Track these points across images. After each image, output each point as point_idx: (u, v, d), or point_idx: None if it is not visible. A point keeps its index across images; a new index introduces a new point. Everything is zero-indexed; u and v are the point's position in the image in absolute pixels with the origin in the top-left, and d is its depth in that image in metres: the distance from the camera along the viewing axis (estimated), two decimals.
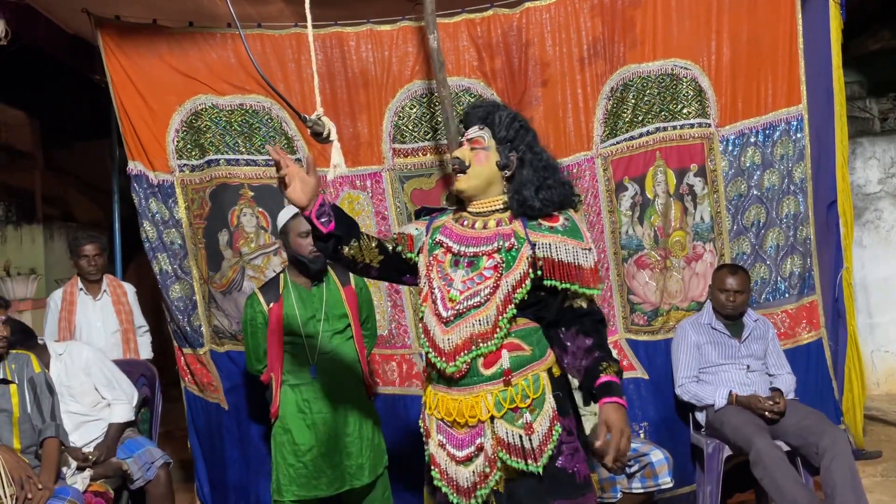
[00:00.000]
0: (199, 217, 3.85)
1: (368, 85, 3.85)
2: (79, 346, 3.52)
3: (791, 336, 3.80)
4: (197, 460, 3.95)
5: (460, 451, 2.12)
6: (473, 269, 2.14)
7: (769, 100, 3.77)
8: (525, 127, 2.20)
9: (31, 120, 7.30)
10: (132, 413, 3.47)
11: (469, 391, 2.11)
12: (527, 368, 2.12)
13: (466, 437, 2.12)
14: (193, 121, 3.81)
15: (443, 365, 2.12)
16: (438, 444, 2.17)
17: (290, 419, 3.13)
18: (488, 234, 2.16)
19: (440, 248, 2.21)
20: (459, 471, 2.11)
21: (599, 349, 2.12)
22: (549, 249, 2.10)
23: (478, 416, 2.10)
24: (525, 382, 2.10)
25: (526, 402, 2.09)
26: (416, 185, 3.88)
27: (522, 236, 2.13)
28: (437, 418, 2.17)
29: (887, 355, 5.46)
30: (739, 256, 3.80)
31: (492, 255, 2.13)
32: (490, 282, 2.10)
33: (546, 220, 2.15)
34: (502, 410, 2.08)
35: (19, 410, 3.02)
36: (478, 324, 2.09)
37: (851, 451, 3.17)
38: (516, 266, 2.10)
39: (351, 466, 3.12)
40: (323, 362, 3.13)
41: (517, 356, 2.11)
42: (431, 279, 2.19)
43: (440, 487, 2.16)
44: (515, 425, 2.08)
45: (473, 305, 2.10)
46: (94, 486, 3.11)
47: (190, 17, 3.84)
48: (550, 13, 3.78)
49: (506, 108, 2.22)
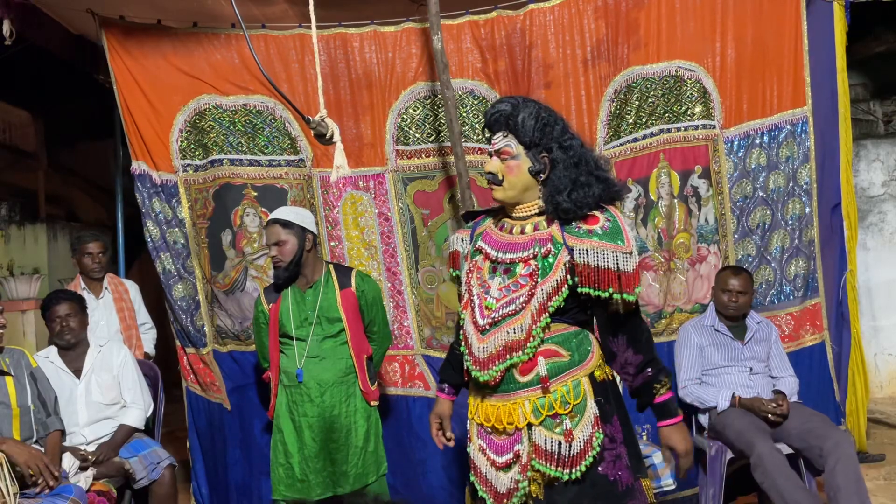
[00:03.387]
0: (203, 217, 3.86)
1: (372, 86, 3.86)
2: (119, 345, 3.65)
3: (795, 338, 3.79)
4: (196, 460, 3.95)
5: (500, 457, 2.10)
6: (510, 276, 2.09)
7: (774, 101, 3.76)
8: (550, 122, 2.08)
9: (35, 119, 7.31)
10: (143, 421, 3.53)
11: (507, 398, 2.09)
12: (566, 374, 2.07)
13: (505, 443, 2.10)
14: (197, 121, 3.82)
15: (477, 374, 2.10)
16: (479, 448, 2.16)
17: (282, 419, 3.17)
18: (524, 240, 2.10)
19: (480, 255, 2.18)
20: (499, 476, 2.10)
21: (651, 365, 2.12)
22: (587, 256, 2.03)
23: (515, 423, 2.07)
24: (565, 389, 2.06)
25: (566, 409, 2.05)
26: (419, 186, 3.88)
27: (560, 241, 2.06)
28: (478, 423, 2.16)
29: (891, 358, 5.45)
30: (744, 258, 3.79)
31: (528, 261, 2.07)
32: (525, 290, 2.05)
33: (584, 223, 2.06)
34: (540, 417, 2.05)
35: (18, 403, 3.03)
36: (512, 332, 2.05)
37: (855, 454, 3.16)
38: (552, 273, 2.05)
39: (335, 473, 3.12)
40: (310, 366, 3.13)
41: (554, 362, 2.07)
42: (471, 286, 2.16)
43: (477, 492, 2.14)
44: (554, 432, 2.05)
45: (509, 314, 2.06)
46: (97, 486, 3.12)
47: (194, 18, 3.84)
48: (554, 15, 3.78)
49: (526, 104, 2.09)
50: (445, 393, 2.44)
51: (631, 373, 2.12)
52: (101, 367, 3.46)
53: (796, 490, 2.99)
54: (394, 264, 3.88)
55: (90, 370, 3.43)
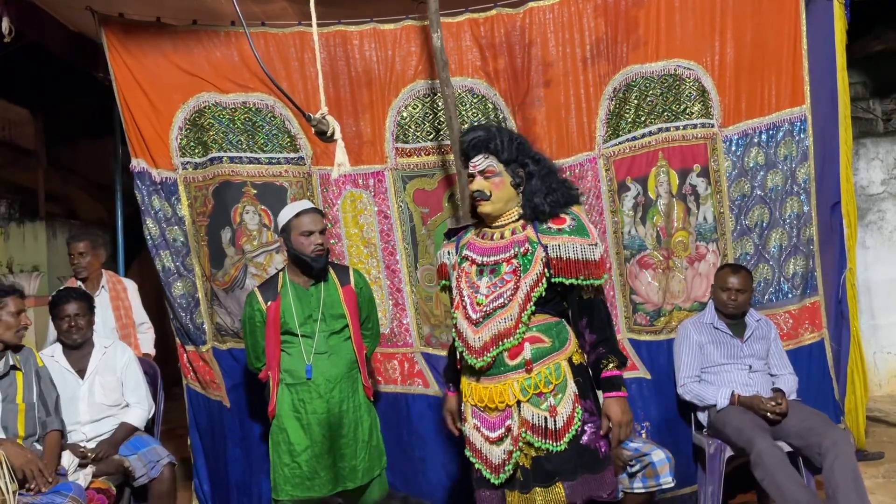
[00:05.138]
0: (202, 214, 3.86)
1: (372, 84, 3.86)
2: (124, 346, 3.65)
3: (794, 337, 3.79)
4: (197, 458, 3.95)
5: (492, 433, 2.42)
6: (496, 275, 2.44)
7: (773, 100, 3.76)
8: (522, 142, 2.49)
9: (35, 117, 7.31)
10: (144, 421, 3.54)
11: (497, 380, 2.41)
12: (548, 358, 2.41)
13: (497, 420, 2.42)
14: (197, 118, 3.82)
15: (473, 361, 2.42)
16: (473, 426, 2.48)
17: (285, 419, 3.14)
18: (505, 243, 2.46)
19: (466, 262, 2.53)
20: (493, 450, 2.42)
21: (603, 344, 2.42)
22: (559, 250, 2.38)
23: (506, 401, 2.40)
24: (547, 370, 2.39)
25: (549, 388, 2.38)
26: (418, 185, 3.88)
27: (535, 240, 2.42)
28: (472, 405, 2.49)
29: (889, 357, 5.46)
30: (743, 257, 3.79)
31: (510, 260, 2.42)
32: (511, 284, 2.40)
33: (554, 223, 2.43)
34: (527, 395, 2.38)
35: (24, 399, 3.06)
36: (503, 322, 2.38)
37: (854, 452, 3.17)
38: (532, 268, 2.39)
39: (344, 468, 3.12)
40: (318, 362, 3.12)
41: (538, 348, 2.40)
42: (461, 288, 2.50)
43: (473, 464, 2.47)
44: (540, 408, 2.38)
45: (498, 306, 2.39)
46: (96, 483, 3.13)
47: (194, 16, 3.84)
48: (554, 13, 3.78)
49: (498, 129, 2.48)
50: (452, 391, 2.76)
51: (587, 350, 2.45)
52: (105, 368, 3.47)
53: (795, 487, 3.00)
54: (393, 262, 3.88)
55: (94, 371, 3.43)
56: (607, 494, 2.41)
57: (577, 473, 2.36)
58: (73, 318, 3.39)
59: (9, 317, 3.04)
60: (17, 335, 3.07)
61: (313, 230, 3.10)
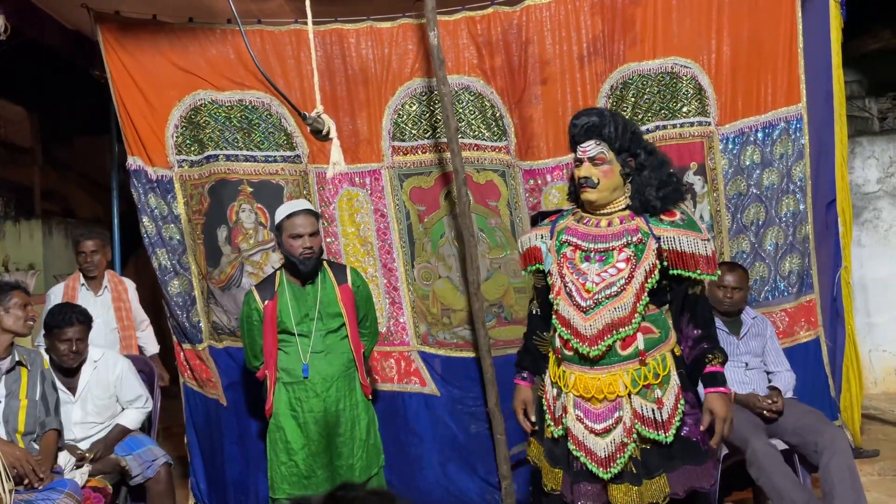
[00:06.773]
0: (198, 213, 3.85)
1: (368, 82, 3.85)
2: (114, 356, 3.55)
3: (790, 335, 3.81)
4: (194, 456, 3.95)
5: (598, 424, 2.36)
6: (605, 262, 2.39)
7: (769, 98, 3.76)
8: (636, 131, 2.44)
9: (31, 115, 7.28)
10: (139, 424, 3.53)
11: (607, 370, 2.37)
12: (656, 349, 2.39)
13: (604, 411, 2.37)
14: (193, 116, 3.81)
15: (585, 349, 2.36)
16: (576, 418, 2.40)
17: (282, 417, 3.14)
18: (616, 231, 2.41)
19: (568, 247, 2.46)
20: (598, 442, 2.35)
21: (707, 340, 2.42)
22: (674, 242, 2.37)
23: (616, 392, 2.35)
24: (655, 362, 2.37)
25: (657, 380, 2.37)
26: (415, 183, 3.88)
27: (647, 231, 2.39)
28: (575, 395, 2.41)
29: (885, 354, 5.47)
30: (739, 255, 3.80)
31: (622, 249, 2.38)
32: (625, 273, 2.36)
33: (666, 216, 2.41)
34: (638, 387, 2.35)
35: (28, 395, 3.07)
36: (616, 311, 2.34)
37: (850, 450, 3.17)
38: (645, 258, 2.36)
39: (342, 466, 3.13)
40: (315, 361, 3.13)
41: (649, 338, 2.38)
42: (564, 275, 2.44)
43: (578, 457, 2.38)
44: (648, 400, 2.36)
45: (610, 295, 2.35)
46: (92, 482, 3.13)
47: (190, 13, 3.83)
48: (550, 11, 3.77)
49: (612, 116, 2.41)
50: (527, 381, 2.70)
51: (690, 345, 2.43)
52: (97, 384, 3.39)
53: (791, 486, 3.01)
54: (390, 260, 3.88)
55: (85, 388, 3.36)
56: (709, 485, 2.42)
57: (681, 464, 2.36)
58: (74, 343, 3.26)
59: (17, 309, 3.10)
60: (26, 325, 3.13)
61: (303, 233, 3.09)
